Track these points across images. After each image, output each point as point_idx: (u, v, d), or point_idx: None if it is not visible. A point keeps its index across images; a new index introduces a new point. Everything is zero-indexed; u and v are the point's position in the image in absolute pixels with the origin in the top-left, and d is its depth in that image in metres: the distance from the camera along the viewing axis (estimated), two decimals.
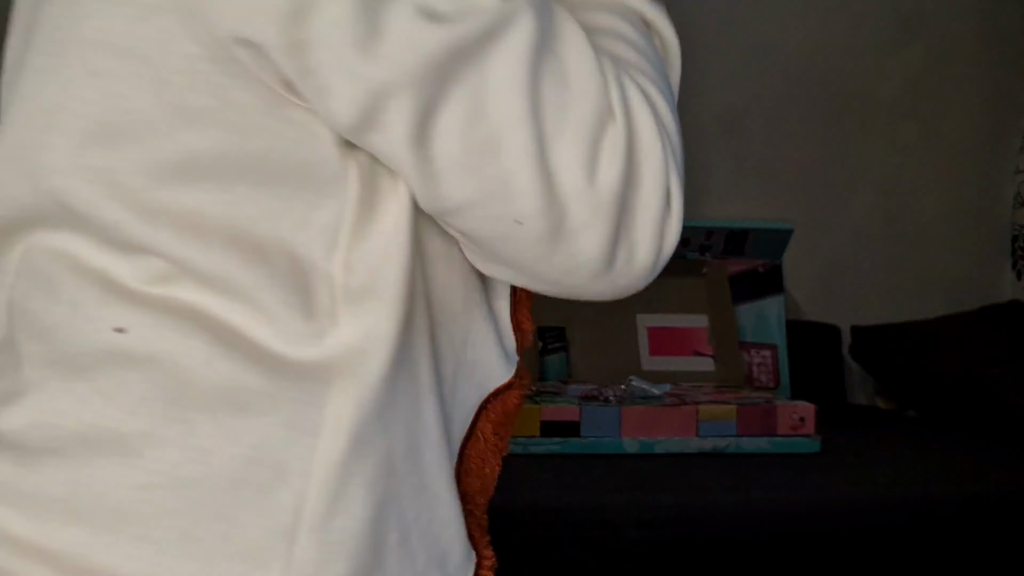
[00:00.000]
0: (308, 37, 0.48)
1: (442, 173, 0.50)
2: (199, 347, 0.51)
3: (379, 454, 0.53)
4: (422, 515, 0.56)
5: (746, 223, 2.25)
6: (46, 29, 0.55)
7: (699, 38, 2.36)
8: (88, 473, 0.51)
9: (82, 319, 0.52)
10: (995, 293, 2.51)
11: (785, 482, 1.62)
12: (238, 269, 0.51)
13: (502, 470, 0.99)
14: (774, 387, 2.21)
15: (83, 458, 0.52)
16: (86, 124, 0.52)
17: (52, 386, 0.52)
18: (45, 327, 0.53)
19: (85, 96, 0.52)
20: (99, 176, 0.51)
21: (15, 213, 0.54)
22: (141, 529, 0.51)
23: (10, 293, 0.55)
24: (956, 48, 2.46)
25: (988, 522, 1.63)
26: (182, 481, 0.51)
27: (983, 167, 2.50)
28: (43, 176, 0.53)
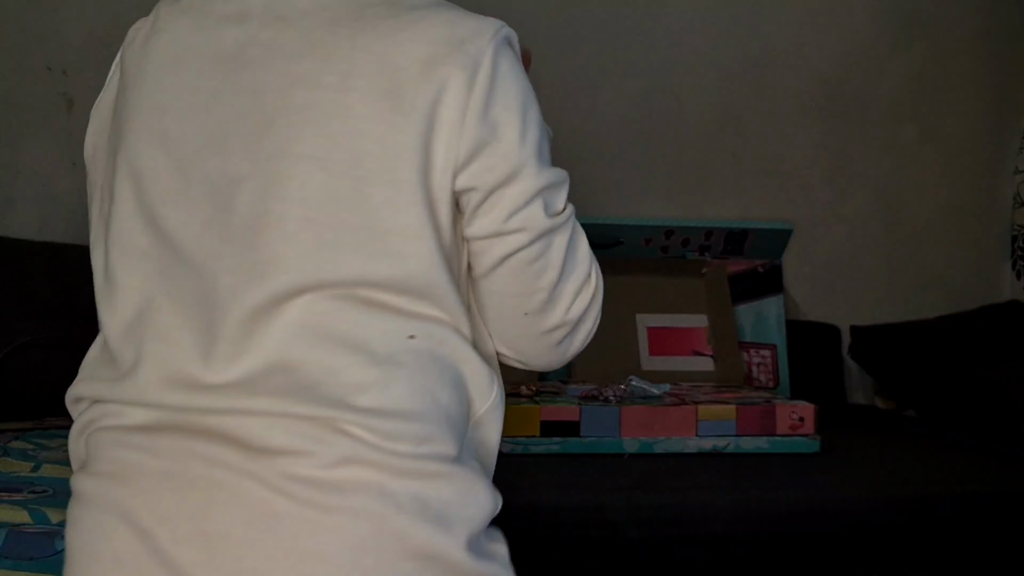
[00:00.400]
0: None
1: (509, 271, 0.85)
2: (449, 338, 0.80)
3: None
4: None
5: (746, 223, 2.25)
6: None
7: (699, 38, 2.36)
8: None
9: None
10: (994, 293, 2.51)
11: (784, 482, 1.62)
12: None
13: (502, 471, 1.04)
14: (773, 387, 2.21)
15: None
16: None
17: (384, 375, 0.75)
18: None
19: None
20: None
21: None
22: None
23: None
24: (955, 49, 2.46)
25: (987, 521, 1.63)
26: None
27: (983, 167, 2.50)
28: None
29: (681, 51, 2.35)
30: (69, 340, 1.93)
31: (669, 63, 2.36)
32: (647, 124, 2.36)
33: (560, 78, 2.31)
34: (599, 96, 2.34)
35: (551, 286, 0.85)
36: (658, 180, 2.37)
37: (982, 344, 2.16)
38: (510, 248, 0.81)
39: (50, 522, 1.29)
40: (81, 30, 2.18)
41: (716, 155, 2.39)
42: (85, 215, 2.27)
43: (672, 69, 2.36)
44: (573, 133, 2.34)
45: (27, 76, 2.18)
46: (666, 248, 2.23)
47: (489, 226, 0.81)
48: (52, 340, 1.93)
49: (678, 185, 2.38)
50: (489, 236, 0.81)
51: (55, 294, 1.97)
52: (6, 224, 2.19)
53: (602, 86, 2.33)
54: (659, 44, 2.34)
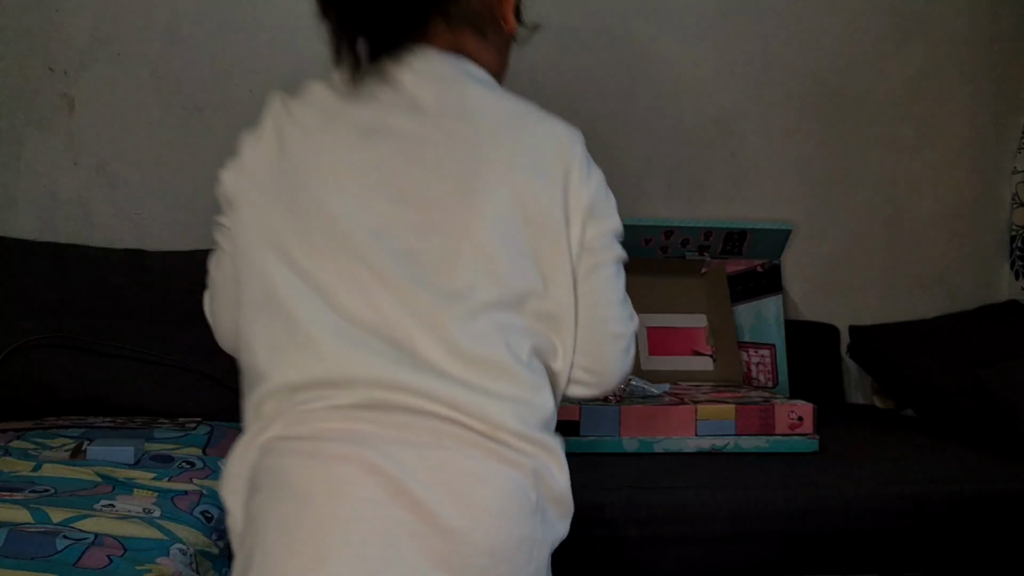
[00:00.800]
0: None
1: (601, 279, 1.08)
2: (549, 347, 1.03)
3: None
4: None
5: (745, 223, 2.25)
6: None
7: (698, 39, 2.37)
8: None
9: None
10: (993, 293, 2.52)
11: (783, 481, 1.62)
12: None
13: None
14: (772, 386, 2.22)
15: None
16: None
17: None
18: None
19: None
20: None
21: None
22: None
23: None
24: (953, 49, 2.46)
25: (985, 521, 1.64)
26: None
27: (981, 167, 2.51)
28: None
29: (681, 51, 2.36)
30: (70, 340, 1.94)
31: (669, 63, 2.36)
32: (647, 124, 2.36)
33: (560, 78, 2.32)
34: (599, 96, 2.34)
35: (622, 301, 1.09)
36: (658, 180, 2.37)
37: (980, 344, 2.16)
38: (602, 260, 1.06)
39: (51, 521, 1.29)
40: (82, 31, 2.19)
41: (715, 155, 2.39)
42: (86, 215, 2.28)
43: (672, 69, 2.37)
44: None
45: (28, 76, 2.18)
46: (665, 248, 2.24)
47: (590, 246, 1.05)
48: (53, 340, 1.93)
49: (678, 185, 2.38)
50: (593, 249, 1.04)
51: (56, 294, 1.98)
52: (7, 224, 2.19)
53: (602, 86, 2.34)
54: (659, 44, 2.35)
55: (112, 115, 2.20)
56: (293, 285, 0.94)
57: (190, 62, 2.21)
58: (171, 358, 1.95)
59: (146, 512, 1.39)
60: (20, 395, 1.90)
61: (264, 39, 2.23)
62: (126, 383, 1.92)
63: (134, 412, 1.93)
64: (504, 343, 0.96)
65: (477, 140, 0.98)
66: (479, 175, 0.97)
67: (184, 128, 2.22)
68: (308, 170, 0.97)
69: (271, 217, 0.98)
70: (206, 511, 1.45)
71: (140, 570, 1.20)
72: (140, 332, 1.97)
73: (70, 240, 2.18)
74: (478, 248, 0.96)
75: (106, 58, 2.20)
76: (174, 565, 1.26)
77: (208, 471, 1.61)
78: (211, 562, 1.40)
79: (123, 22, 2.20)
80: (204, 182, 2.24)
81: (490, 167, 0.97)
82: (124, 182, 2.22)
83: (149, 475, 1.54)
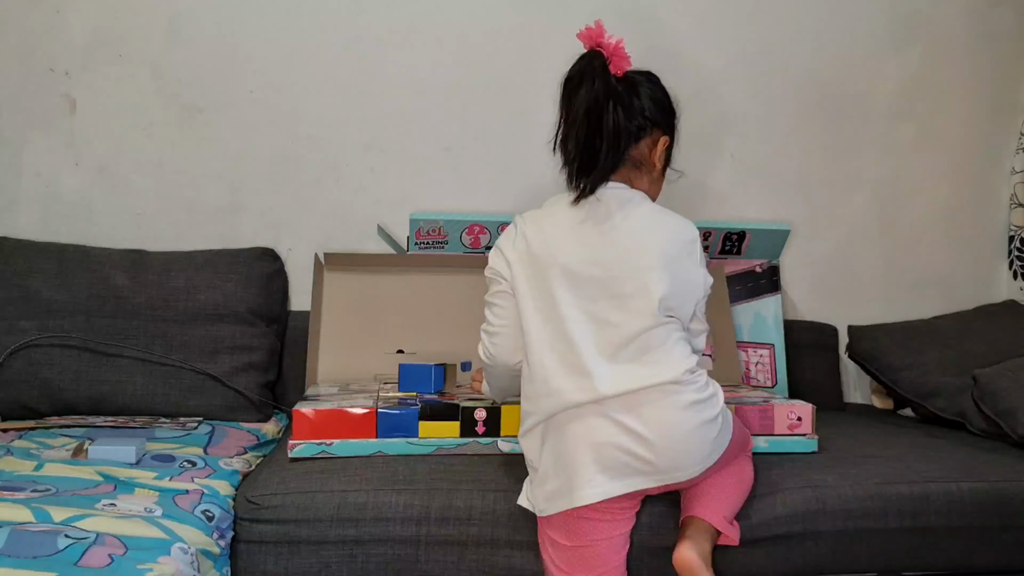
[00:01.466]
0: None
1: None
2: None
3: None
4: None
5: (744, 223, 2.26)
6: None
7: (698, 40, 2.37)
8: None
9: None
10: (991, 293, 2.53)
11: (782, 481, 1.62)
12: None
13: (503, 470, 1.09)
14: (771, 386, 2.22)
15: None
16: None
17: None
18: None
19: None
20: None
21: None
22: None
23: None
24: (952, 50, 2.47)
25: (984, 520, 1.64)
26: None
27: (979, 168, 2.51)
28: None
29: (680, 51, 2.36)
30: (71, 340, 1.94)
31: (668, 63, 2.36)
32: None
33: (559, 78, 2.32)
34: None
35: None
36: None
37: (979, 344, 2.16)
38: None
39: (52, 520, 1.29)
40: (83, 32, 2.19)
41: (715, 155, 2.40)
42: (86, 215, 2.29)
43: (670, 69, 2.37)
44: None
45: (30, 77, 2.18)
46: None
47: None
48: (54, 340, 1.94)
49: (677, 185, 2.38)
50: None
51: (57, 294, 1.98)
52: (9, 224, 2.19)
53: None
54: (658, 44, 2.35)
55: (113, 116, 2.21)
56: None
57: (190, 63, 2.22)
58: (172, 358, 1.96)
59: (147, 511, 1.39)
60: (22, 395, 1.91)
61: (264, 39, 2.23)
62: (127, 383, 1.93)
63: (135, 412, 1.93)
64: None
65: (637, 226, 1.53)
66: (637, 249, 1.51)
67: (184, 128, 2.23)
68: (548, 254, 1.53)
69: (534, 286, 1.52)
70: (207, 510, 1.45)
71: (141, 569, 1.21)
72: (141, 332, 1.98)
73: (71, 240, 2.18)
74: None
75: (107, 59, 2.20)
76: (175, 564, 1.26)
77: (209, 470, 1.61)
78: (212, 561, 1.40)
79: (124, 23, 2.20)
80: (204, 182, 2.25)
81: (642, 239, 1.52)
82: (125, 182, 2.23)
83: (150, 474, 1.55)
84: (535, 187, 2.34)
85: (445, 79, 2.29)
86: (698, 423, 1.42)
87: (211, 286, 2.04)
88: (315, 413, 1.67)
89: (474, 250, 2.16)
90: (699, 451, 1.43)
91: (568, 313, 1.46)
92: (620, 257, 1.48)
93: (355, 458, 1.65)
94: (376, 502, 1.52)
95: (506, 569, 1.53)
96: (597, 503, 1.41)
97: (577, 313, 1.45)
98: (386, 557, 1.51)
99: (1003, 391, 1.92)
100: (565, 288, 1.47)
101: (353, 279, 2.15)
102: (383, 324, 2.11)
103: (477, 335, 1.58)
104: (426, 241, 2.14)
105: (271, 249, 2.21)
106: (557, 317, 1.46)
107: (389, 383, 1.98)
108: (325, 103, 2.26)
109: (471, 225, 2.13)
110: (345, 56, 2.26)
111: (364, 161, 2.28)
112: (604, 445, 1.40)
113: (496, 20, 2.29)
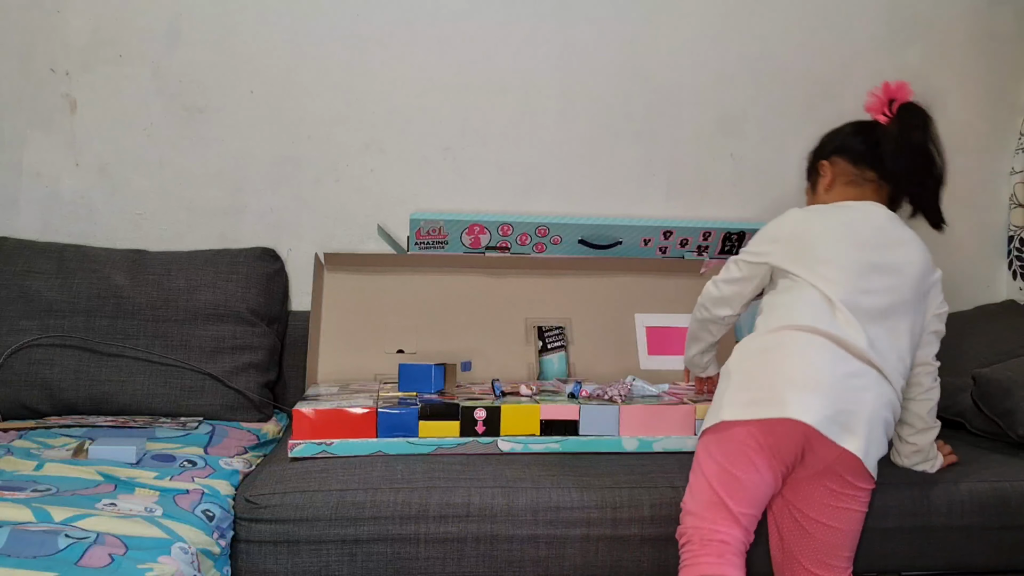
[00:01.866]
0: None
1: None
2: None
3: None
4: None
5: (743, 223, 2.26)
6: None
7: (697, 39, 2.37)
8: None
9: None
10: (991, 293, 2.53)
11: None
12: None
13: (503, 469, 1.07)
14: None
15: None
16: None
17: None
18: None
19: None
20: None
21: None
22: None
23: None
24: (952, 51, 2.47)
25: (984, 520, 1.64)
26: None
27: (979, 168, 2.51)
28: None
29: (679, 51, 2.36)
30: (71, 340, 1.94)
31: (668, 63, 2.37)
32: (647, 124, 2.37)
33: (561, 78, 2.33)
34: (599, 96, 2.35)
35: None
36: (657, 180, 2.38)
37: (979, 344, 2.16)
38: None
39: (53, 520, 1.29)
40: (84, 32, 2.19)
41: (714, 156, 2.40)
42: (86, 215, 2.29)
43: (670, 70, 2.37)
44: (573, 134, 2.35)
45: (30, 77, 2.19)
46: (665, 248, 2.24)
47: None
48: (55, 340, 1.94)
49: (677, 185, 2.39)
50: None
51: (58, 294, 1.98)
52: (9, 224, 2.20)
53: (601, 86, 2.34)
54: (658, 44, 2.35)
55: (113, 116, 2.21)
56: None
57: (190, 63, 2.22)
58: (172, 358, 1.96)
59: (148, 511, 1.39)
60: (22, 395, 1.91)
61: (264, 39, 2.23)
62: (128, 383, 1.93)
63: (135, 412, 1.93)
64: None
65: (895, 239, 1.72)
66: (893, 258, 1.69)
67: (185, 128, 2.23)
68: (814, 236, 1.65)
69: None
70: (207, 510, 1.46)
71: (142, 569, 1.21)
72: (141, 332, 1.98)
73: (72, 240, 2.18)
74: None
75: (107, 59, 2.20)
76: (175, 564, 1.26)
77: (209, 470, 1.61)
78: (212, 560, 1.40)
79: (124, 23, 2.21)
80: (204, 182, 2.26)
81: (901, 253, 1.73)
82: (125, 182, 2.23)
83: (151, 474, 1.55)
84: (535, 187, 2.34)
85: (445, 79, 2.29)
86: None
87: (211, 286, 2.04)
88: (315, 413, 1.67)
89: (474, 250, 2.16)
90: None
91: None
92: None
93: (355, 458, 1.66)
94: (375, 501, 1.52)
95: (506, 563, 1.53)
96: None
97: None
98: (386, 556, 1.51)
99: (1003, 391, 1.92)
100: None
101: (353, 279, 2.15)
102: (383, 324, 2.12)
103: (477, 335, 1.58)
104: (426, 241, 2.15)
105: (271, 249, 2.21)
106: None
107: (389, 383, 1.98)
108: (325, 103, 2.26)
109: (471, 225, 2.13)
110: (345, 56, 2.26)
111: (364, 161, 2.28)
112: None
113: (496, 20, 2.29)
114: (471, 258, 2.17)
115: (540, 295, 2.19)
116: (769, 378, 1.46)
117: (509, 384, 1.97)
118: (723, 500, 1.43)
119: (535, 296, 2.19)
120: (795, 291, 1.56)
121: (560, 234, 2.17)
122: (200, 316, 2.01)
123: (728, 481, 1.44)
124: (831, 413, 1.41)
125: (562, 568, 1.55)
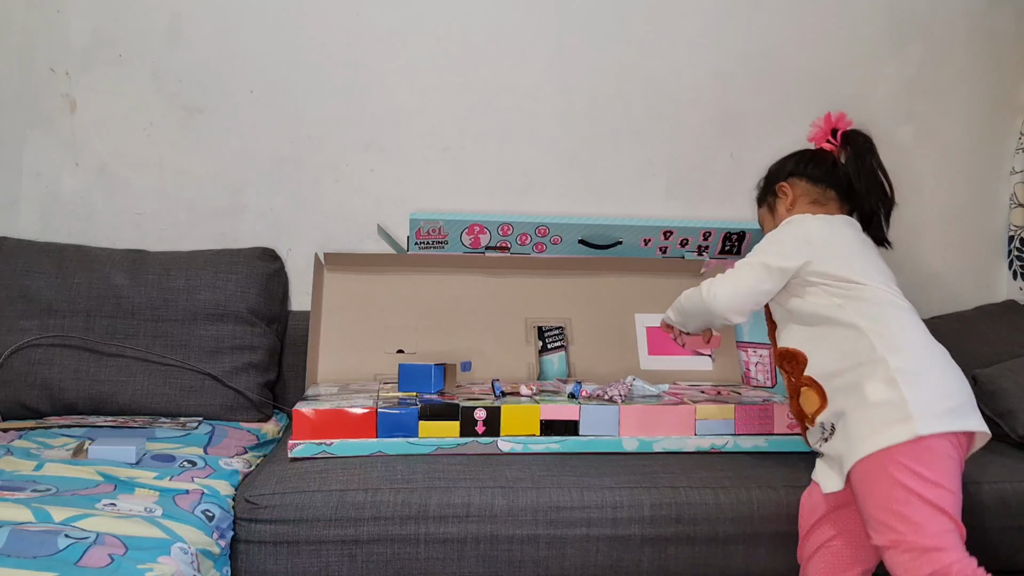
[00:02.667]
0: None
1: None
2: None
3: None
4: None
5: (743, 224, 2.26)
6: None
7: (697, 39, 2.37)
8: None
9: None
10: (991, 293, 2.53)
11: (782, 481, 1.63)
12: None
13: (500, 469, 1.07)
14: (771, 386, 2.22)
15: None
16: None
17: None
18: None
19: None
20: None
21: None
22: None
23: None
24: (951, 51, 2.47)
25: (984, 520, 1.64)
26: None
27: (979, 168, 2.51)
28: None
29: (679, 51, 2.36)
30: (71, 340, 1.94)
31: (668, 63, 2.37)
32: (646, 124, 2.37)
33: (561, 78, 2.33)
34: (599, 96, 2.35)
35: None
36: (657, 180, 2.38)
37: (979, 344, 2.17)
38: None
39: (53, 520, 1.29)
40: (83, 32, 2.19)
41: (714, 156, 2.40)
42: (86, 215, 2.28)
43: (670, 70, 2.37)
44: (572, 134, 2.35)
45: (30, 77, 2.19)
46: (665, 248, 2.24)
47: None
48: (55, 340, 1.94)
49: (676, 185, 2.39)
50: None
51: (57, 294, 1.98)
52: (9, 224, 2.20)
53: (601, 86, 2.34)
54: (658, 44, 2.35)
55: (113, 116, 2.21)
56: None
57: (190, 63, 2.22)
58: (172, 358, 1.96)
59: (147, 511, 1.39)
60: (22, 395, 1.91)
61: (264, 39, 2.23)
62: (127, 383, 1.93)
63: (135, 412, 1.93)
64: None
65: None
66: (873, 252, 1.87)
67: (184, 128, 2.23)
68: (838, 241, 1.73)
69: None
70: (207, 510, 1.46)
71: (141, 569, 1.21)
72: (141, 332, 1.98)
73: (71, 240, 2.18)
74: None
75: (107, 59, 2.20)
76: (175, 564, 1.26)
77: (209, 470, 1.61)
78: (212, 561, 1.40)
79: (124, 23, 2.21)
80: (204, 182, 2.26)
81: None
82: (125, 182, 2.23)
83: (150, 474, 1.55)
84: (535, 187, 2.34)
85: (445, 79, 2.29)
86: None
87: (211, 286, 2.04)
88: (315, 413, 1.67)
89: (474, 250, 2.16)
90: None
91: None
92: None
93: (355, 458, 1.66)
94: (375, 501, 1.52)
95: (506, 563, 1.53)
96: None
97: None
98: (386, 556, 1.51)
99: (1003, 391, 1.92)
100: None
101: (353, 279, 2.15)
102: (383, 324, 2.12)
103: (477, 335, 1.58)
104: (426, 241, 2.15)
105: (271, 249, 2.21)
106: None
107: (389, 383, 1.98)
108: (325, 103, 2.26)
109: (471, 225, 2.13)
110: (345, 56, 2.26)
111: (364, 161, 2.28)
112: None
113: (496, 20, 2.30)
114: (471, 258, 2.17)
115: (540, 295, 2.19)
116: (946, 387, 1.47)
117: (509, 384, 1.97)
118: (956, 523, 1.38)
119: (535, 296, 2.19)
120: (866, 292, 1.62)
121: (560, 234, 2.17)
122: (200, 316, 2.01)
123: (954, 503, 1.39)
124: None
125: (562, 568, 1.55)
